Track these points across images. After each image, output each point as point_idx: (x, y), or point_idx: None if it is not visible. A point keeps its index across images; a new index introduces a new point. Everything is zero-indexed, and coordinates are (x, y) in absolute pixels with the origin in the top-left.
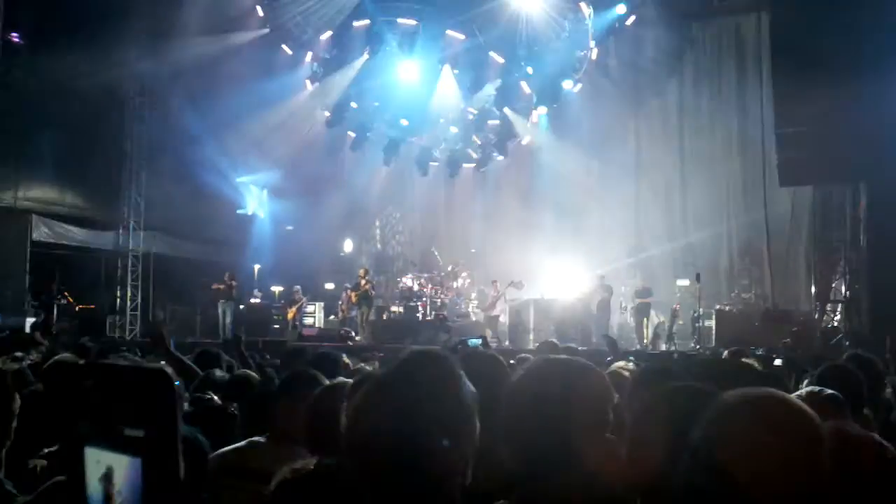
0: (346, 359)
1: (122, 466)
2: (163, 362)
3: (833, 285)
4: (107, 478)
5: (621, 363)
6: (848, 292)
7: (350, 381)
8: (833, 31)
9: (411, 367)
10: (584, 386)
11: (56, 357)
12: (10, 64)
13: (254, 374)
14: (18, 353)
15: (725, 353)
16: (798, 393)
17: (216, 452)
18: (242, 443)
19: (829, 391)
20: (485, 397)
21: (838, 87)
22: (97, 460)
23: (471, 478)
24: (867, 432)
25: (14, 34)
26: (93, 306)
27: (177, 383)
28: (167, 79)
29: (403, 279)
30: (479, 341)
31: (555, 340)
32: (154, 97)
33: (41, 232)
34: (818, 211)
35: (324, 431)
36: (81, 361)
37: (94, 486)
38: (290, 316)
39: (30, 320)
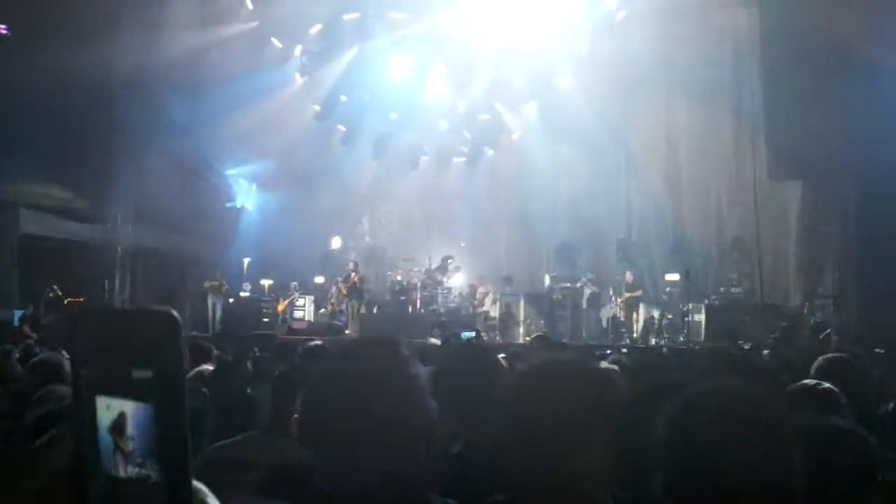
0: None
1: (133, 412)
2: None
3: (822, 280)
4: (118, 425)
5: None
6: (837, 287)
7: None
8: (824, 27)
9: (358, 353)
10: (597, 395)
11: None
12: None
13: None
14: (7, 346)
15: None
16: (794, 386)
17: (214, 446)
18: (238, 437)
19: (825, 385)
20: (479, 387)
21: (829, 83)
22: (107, 408)
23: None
24: (853, 425)
25: (1, 26)
26: (81, 299)
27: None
28: (157, 71)
29: (393, 273)
30: (473, 335)
31: (545, 334)
32: (143, 90)
33: (29, 225)
34: (808, 205)
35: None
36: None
37: (104, 435)
38: (280, 309)
39: (18, 313)
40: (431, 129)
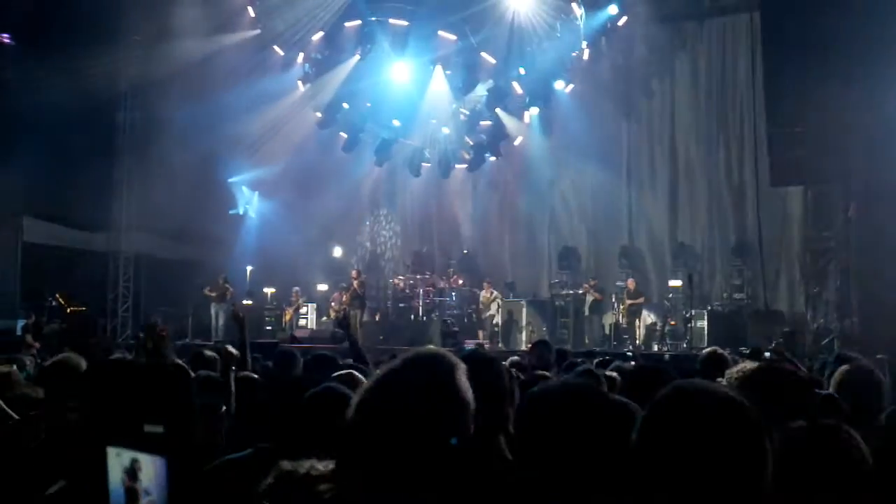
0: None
1: (146, 464)
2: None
3: (825, 286)
4: (130, 477)
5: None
6: (840, 293)
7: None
8: (825, 31)
9: (409, 363)
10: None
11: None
12: (1, 65)
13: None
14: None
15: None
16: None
17: (225, 460)
18: (248, 451)
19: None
20: (484, 397)
21: (830, 88)
22: (118, 458)
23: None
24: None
25: (4, 35)
26: (84, 308)
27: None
28: (159, 79)
29: (395, 280)
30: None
31: (546, 339)
32: (146, 98)
33: (32, 233)
34: (810, 211)
35: (317, 436)
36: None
37: (115, 486)
38: (288, 317)
39: (21, 322)
40: (433, 136)
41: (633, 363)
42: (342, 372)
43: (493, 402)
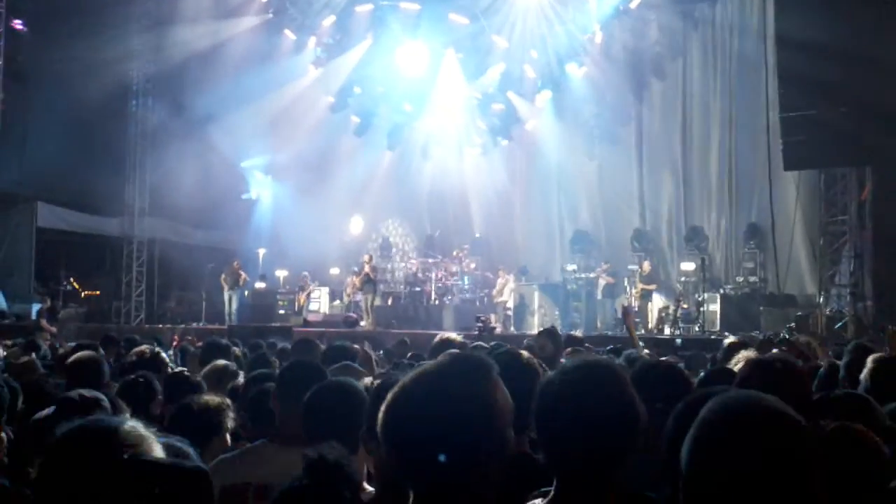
0: (368, 348)
1: None
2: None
3: (838, 270)
4: None
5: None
6: (853, 277)
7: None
8: (839, 13)
9: (451, 368)
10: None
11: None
12: (15, 51)
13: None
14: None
15: (726, 342)
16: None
17: (215, 464)
18: (238, 451)
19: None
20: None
21: (844, 71)
22: None
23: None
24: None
25: (18, 21)
26: (98, 293)
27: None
28: (171, 64)
29: (408, 264)
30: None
31: (556, 326)
32: (158, 83)
33: (46, 218)
34: (823, 195)
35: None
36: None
37: None
38: (301, 301)
39: (36, 307)
40: (445, 120)
41: (645, 352)
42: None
43: (521, 403)
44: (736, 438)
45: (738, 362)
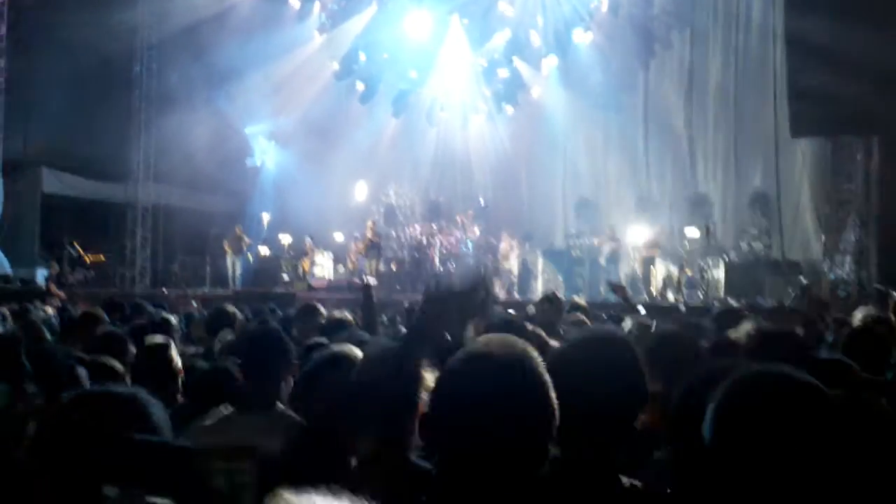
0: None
1: None
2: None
3: (843, 236)
4: None
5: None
6: (858, 244)
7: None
8: None
9: (494, 362)
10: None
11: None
12: (19, 18)
13: None
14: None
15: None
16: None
17: (197, 429)
18: (211, 417)
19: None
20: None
21: (853, 38)
22: None
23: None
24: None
25: None
26: (103, 258)
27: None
28: (176, 30)
29: (412, 229)
30: None
31: (556, 293)
32: (162, 49)
33: (51, 184)
34: (830, 162)
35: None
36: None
37: None
38: (305, 267)
39: (41, 272)
40: (450, 87)
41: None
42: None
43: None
44: (767, 411)
45: (742, 333)
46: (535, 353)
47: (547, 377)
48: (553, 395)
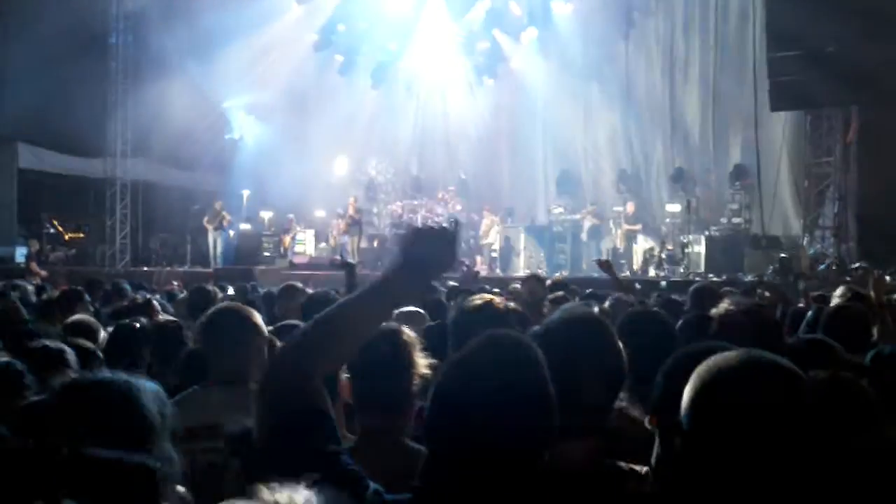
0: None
1: None
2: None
3: (822, 211)
4: None
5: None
6: (837, 219)
7: None
8: None
9: (492, 352)
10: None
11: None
12: None
13: None
14: (18, 282)
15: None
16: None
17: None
18: (182, 396)
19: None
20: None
21: (832, 9)
22: None
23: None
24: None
25: None
26: (82, 235)
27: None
28: (151, 2)
29: (393, 206)
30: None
31: (540, 272)
32: (138, 22)
33: (28, 159)
34: (809, 136)
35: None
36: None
37: None
38: (286, 244)
39: (20, 249)
40: (430, 59)
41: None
42: None
43: None
44: (740, 395)
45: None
46: (536, 347)
47: (547, 372)
48: (552, 390)
